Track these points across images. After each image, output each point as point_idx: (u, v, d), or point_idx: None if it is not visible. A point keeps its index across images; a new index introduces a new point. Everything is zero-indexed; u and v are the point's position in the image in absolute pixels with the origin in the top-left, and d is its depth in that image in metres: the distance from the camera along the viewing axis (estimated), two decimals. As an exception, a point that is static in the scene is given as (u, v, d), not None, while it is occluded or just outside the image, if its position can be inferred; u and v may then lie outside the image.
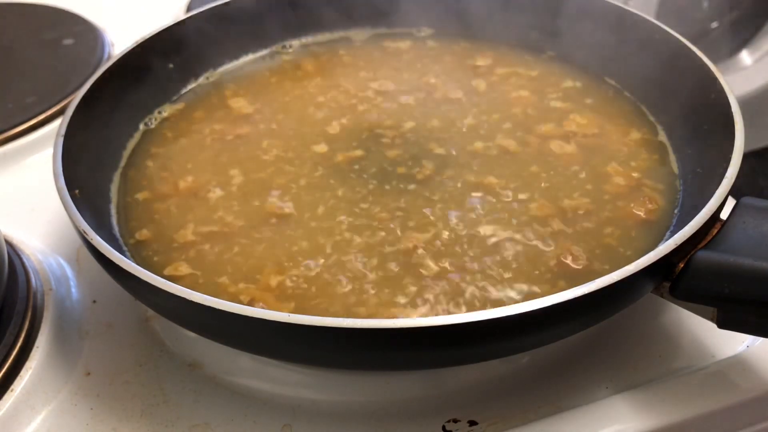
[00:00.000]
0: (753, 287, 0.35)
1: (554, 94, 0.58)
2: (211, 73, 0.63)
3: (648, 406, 0.41)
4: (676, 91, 0.52)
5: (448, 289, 0.42)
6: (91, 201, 0.47)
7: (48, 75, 0.73)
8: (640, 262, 0.35)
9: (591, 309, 0.36)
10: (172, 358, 0.46)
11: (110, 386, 0.44)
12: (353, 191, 0.49)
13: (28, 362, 0.44)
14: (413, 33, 0.67)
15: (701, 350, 0.44)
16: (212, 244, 0.46)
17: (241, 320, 0.34)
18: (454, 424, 0.41)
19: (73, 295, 0.50)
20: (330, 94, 0.60)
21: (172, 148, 0.55)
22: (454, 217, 0.46)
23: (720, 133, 0.45)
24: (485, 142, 0.53)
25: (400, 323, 0.33)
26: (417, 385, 0.43)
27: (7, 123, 0.65)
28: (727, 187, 0.40)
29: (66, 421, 0.42)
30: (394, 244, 0.45)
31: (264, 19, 0.65)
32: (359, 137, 0.54)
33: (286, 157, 0.53)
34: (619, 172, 0.50)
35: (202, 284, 0.44)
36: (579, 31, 0.60)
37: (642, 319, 0.46)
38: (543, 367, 0.44)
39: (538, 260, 0.43)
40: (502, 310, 0.33)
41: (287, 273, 0.43)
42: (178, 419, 0.42)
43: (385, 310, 0.41)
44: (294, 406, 0.42)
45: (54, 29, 0.80)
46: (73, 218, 0.41)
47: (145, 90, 0.58)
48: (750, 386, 0.42)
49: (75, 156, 0.47)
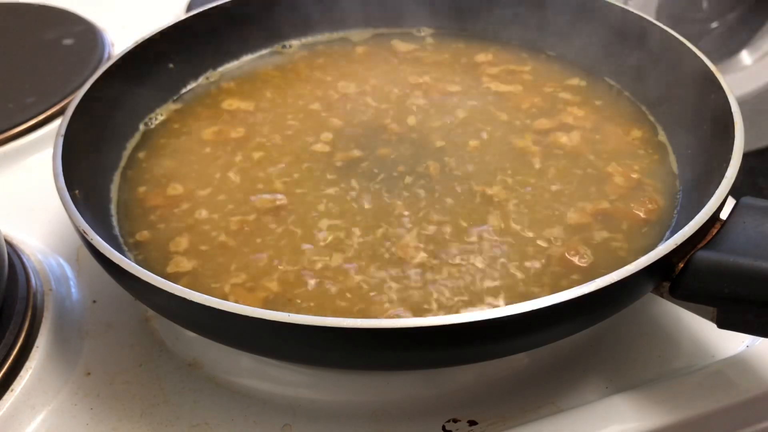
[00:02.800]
0: (753, 287, 0.35)
1: (554, 93, 0.58)
2: (211, 73, 0.63)
3: (648, 406, 0.41)
4: (676, 91, 0.52)
5: (449, 286, 0.42)
6: (91, 201, 0.47)
7: (48, 75, 0.73)
8: (640, 262, 0.35)
9: (591, 309, 0.36)
10: (172, 358, 0.46)
11: (110, 386, 0.44)
12: (353, 191, 0.49)
13: (28, 362, 0.44)
14: (413, 33, 0.67)
15: (701, 350, 0.44)
16: (213, 243, 0.46)
17: (241, 320, 0.34)
18: (454, 424, 0.41)
19: (73, 295, 0.50)
20: (330, 93, 0.60)
21: (172, 148, 0.55)
22: (455, 213, 0.46)
23: (720, 133, 0.45)
24: (486, 140, 0.53)
25: (400, 323, 0.33)
26: (417, 385, 0.43)
27: (7, 123, 0.65)
28: (726, 187, 0.40)
29: (66, 421, 0.42)
30: (397, 242, 0.45)
31: (264, 18, 0.65)
32: (359, 137, 0.54)
33: (286, 157, 0.53)
34: (619, 171, 0.50)
35: (202, 281, 0.44)
36: (579, 31, 0.60)
37: (642, 319, 0.46)
38: (543, 367, 0.44)
39: (538, 259, 0.43)
40: (502, 310, 0.33)
41: (286, 272, 0.43)
42: (178, 419, 0.42)
43: (384, 310, 0.41)
44: (294, 406, 0.43)
45: (54, 29, 0.80)
46: (73, 218, 0.41)
47: (145, 90, 0.58)
48: (750, 386, 0.42)
49: (75, 156, 0.47)
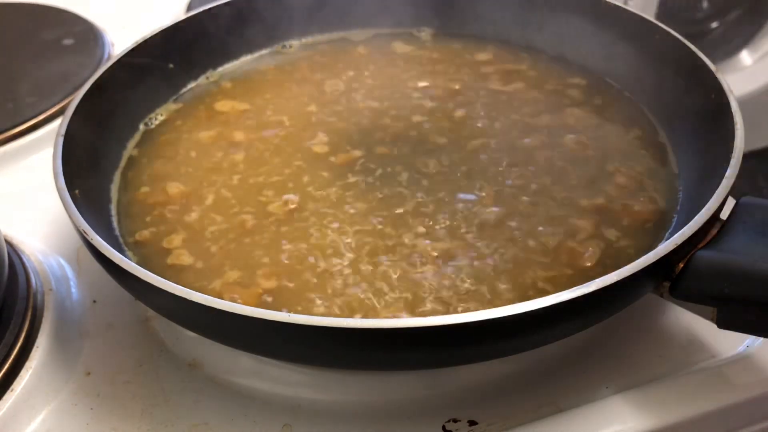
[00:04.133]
0: (753, 287, 0.35)
1: (554, 93, 0.58)
2: (211, 73, 0.63)
3: (648, 406, 0.41)
4: (676, 91, 0.52)
5: (447, 284, 0.42)
6: (91, 201, 0.47)
7: (48, 75, 0.73)
8: (640, 262, 0.35)
9: (591, 309, 0.36)
10: (172, 358, 0.46)
11: (110, 386, 0.44)
12: (353, 191, 0.49)
13: (28, 362, 0.44)
14: (413, 33, 0.67)
15: (701, 350, 0.44)
16: (213, 242, 0.46)
17: (241, 320, 0.34)
18: (454, 424, 0.41)
19: (73, 295, 0.50)
20: (330, 93, 0.60)
21: (172, 148, 0.55)
22: (454, 209, 0.47)
23: (720, 133, 0.45)
24: (485, 139, 0.53)
25: (400, 323, 0.33)
26: (417, 385, 0.43)
27: (7, 123, 0.65)
28: (726, 187, 0.40)
29: (66, 421, 0.42)
30: (402, 240, 0.45)
31: (264, 18, 0.65)
32: (360, 136, 0.54)
33: (286, 157, 0.53)
34: (620, 171, 0.50)
35: (202, 280, 0.44)
36: (579, 31, 0.60)
37: (642, 319, 0.46)
38: (543, 367, 0.44)
39: (538, 258, 0.43)
40: (502, 310, 0.33)
41: (286, 273, 0.44)
42: (178, 419, 0.42)
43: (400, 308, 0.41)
44: (294, 406, 0.42)
45: (54, 29, 0.80)
46: (73, 218, 0.41)
47: (145, 90, 0.58)
48: (750, 386, 0.42)
49: (75, 156, 0.47)
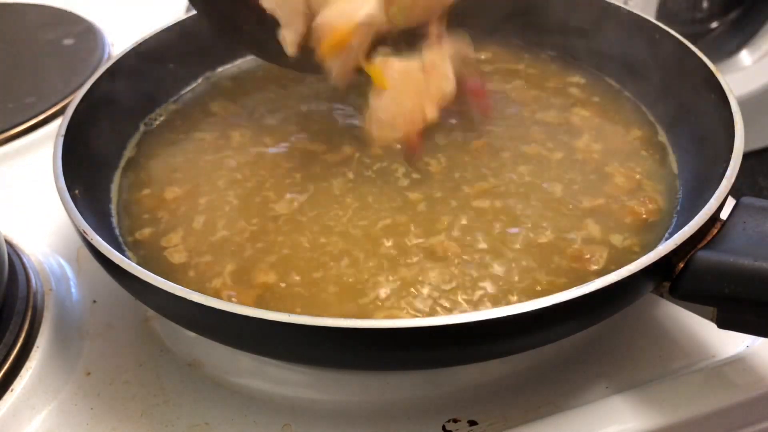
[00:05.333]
0: (753, 287, 0.35)
1: (554, 93, 0.58)
2: (210, 74, 0.63)
3: (648, 406, 0.41)
4: (676, 91, 0.52)
5: (447, 284, 0.42)
6: (91, 201, 0.47)
7: (48, 75, 0.73)
8: (640, 262, 0.35)
9: (591, 309, 0.36)
10: (172, 358, 0.46)
11: (110, 386, 0.44)
12: (350, 187, 0.49)
13: (28, 362, 0.44)
14: (413, 33, 0.67)
15: (701, 350, 0.44)
16: (213, 242, 0.46)
17: (241, 320, 0.34)
18: (454, 424, 0.41)
19: (73, 295, 0.50)
20: (330, 93, 0.60)
21: (172, 148, 0.55)
22: (455, 211, 0.47)
23: (720, 133, 0.45)
24: (485, 140, 0.53)
25: (399, 323, 0.33)
26: (417, 385, 0.43)
27: (7, 123, 0.65)
28: (726, 187, 0.40)
29: (66, 421, 0.42)
30: (403, 240, 0.45)
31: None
32: (359, 135, 0.54)
33: (285, 156, 0.53)
34: (620, 172, 0.50)
35: (202, 279, 0.44)
36: (579, 31, 0.60)
37: (642, 319, 0.46)
38: (543, 367, 0.44)
39: (538, 258, 0.43)
40: (502, 310, 0.33)
41: (285, 271, 0.44)
42: (178, 419, 0.42)
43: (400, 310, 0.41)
44: (294, 406, 0.43)
45: (54, 29, 0.80)
46: (73, 218, 0.41)
47: (145, 90, 0.58)
48: (750, 386, 0.42)
49: (75, 156, 0.47)
